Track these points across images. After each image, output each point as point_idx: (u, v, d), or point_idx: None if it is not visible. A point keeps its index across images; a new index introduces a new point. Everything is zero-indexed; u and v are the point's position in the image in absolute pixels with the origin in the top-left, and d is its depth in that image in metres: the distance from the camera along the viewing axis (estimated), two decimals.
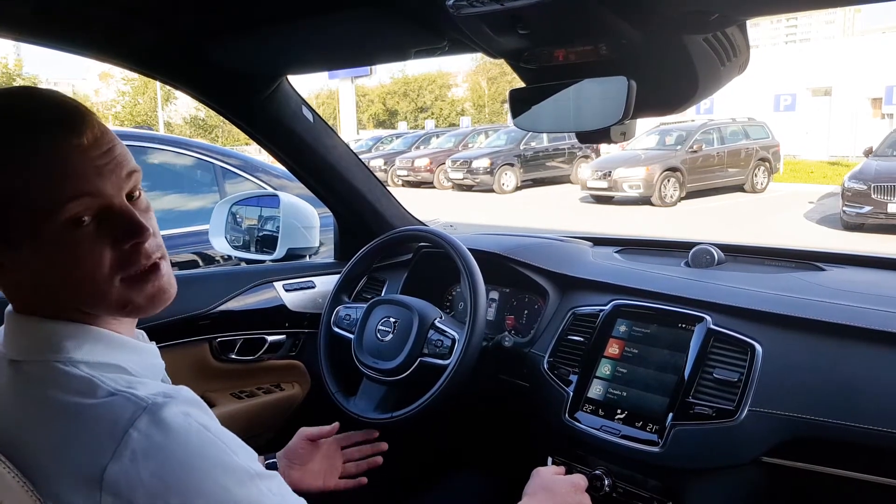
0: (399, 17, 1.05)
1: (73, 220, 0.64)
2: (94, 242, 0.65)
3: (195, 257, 3.23)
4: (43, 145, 0.63)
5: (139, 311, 0.71)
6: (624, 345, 1.31)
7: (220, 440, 0.64)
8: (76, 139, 0.65)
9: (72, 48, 1.24)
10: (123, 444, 0.59)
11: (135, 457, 0.59)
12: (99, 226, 0.66)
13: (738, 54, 0.95)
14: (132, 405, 0.61)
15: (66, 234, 0.64)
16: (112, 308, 0.69)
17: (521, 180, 15.68)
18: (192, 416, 0.63)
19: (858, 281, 1.37)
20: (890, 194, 8.69)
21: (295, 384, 1.79)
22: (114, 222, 0.66)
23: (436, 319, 1.39)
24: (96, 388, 0.63)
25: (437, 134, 21.48)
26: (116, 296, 0.68)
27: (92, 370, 0.66)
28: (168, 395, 0.64)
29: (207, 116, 35.42)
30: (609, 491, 1.24)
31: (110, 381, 0.64)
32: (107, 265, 0.66)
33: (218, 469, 0.62)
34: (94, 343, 0.68)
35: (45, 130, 0.64)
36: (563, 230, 2.02)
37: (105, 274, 0.66)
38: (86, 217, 0.65)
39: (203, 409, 0.67)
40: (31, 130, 0.64)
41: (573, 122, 1.02)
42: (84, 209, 0.64)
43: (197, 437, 0.62)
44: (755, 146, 13.48)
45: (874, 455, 1.01)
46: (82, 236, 0.65)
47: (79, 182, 0.64)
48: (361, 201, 1.80)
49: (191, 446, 0.61)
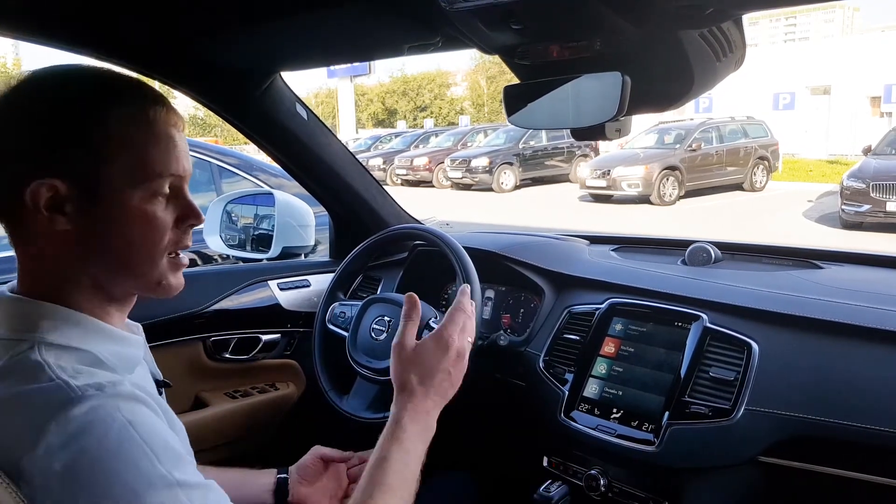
0: (391, 13, 1.04)
1: (156, 192, 0.71)
2: (166, 214, 0.72)
3: (192, 256, 3.23)
4: (159, 119, 0.71)
5: (165, 291, 0.75)
6: (620, 343, 1.30)
7: (143, 441, 0.61)
8: (175, 119, 0.73)
9: (64, 45, 1.23)
10: (41, 435, 0.58)
11: (50, 449, 0.58)
12: (168, 202, 0.73)
13: (733, 50, 0.94)
14: (62, 395, 0.61)
15: (147, 202, 0.70)
16: (149, 282, 0.74)
17: (520, 179, 15.67)
18: (122, 411, 0.61)
19: (856, 279, 1.37)
20: (888, 193, 8.69)
21: (290, 384, 1.78)
22: (181, 202, 0.74)
23: (431, 319, 1.37)
24: (41, 373, 0.63)
25: (436, 133, 21.48)
26: (160, 270, 0.73)
27: (54, 357, 0.65)
28: (101, 387, 0.63)
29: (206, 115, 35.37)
30: (605, 491, 1.23)
31: (60, 370, 0.64)
32: (167, 237, 0.73)
33: (131, 471, 0.59)
34: (72, 327, 0.69)
35: (157, 103, 0.72)
36: (562, 229, 2.01)
37: (164, 246, 0.73)
38: (166, 190, 0.72)
39: (140, 405, 0.65)
40: (147, 101, 0.71)
41: (568, 118, 1.01)
42: (167, 184, 0.72)
43: (116, 435, 0.60)
44: (754, 145, 13.49)
45: (871, 454, 1.01)
46: (158, 207, 0.71)
47: (171, 161, 0.72)
48: (357, 199, 1.79)
49: (106, 444, 0.59)
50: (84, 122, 0.67)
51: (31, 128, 0.67)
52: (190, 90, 1.45)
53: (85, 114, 0.68)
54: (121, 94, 0.71)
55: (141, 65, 1.35)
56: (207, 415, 1.58)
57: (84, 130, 0.67)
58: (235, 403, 1.65)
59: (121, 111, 0.69)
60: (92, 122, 0.68)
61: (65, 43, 1.23)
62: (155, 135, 0.71)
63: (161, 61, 1.35)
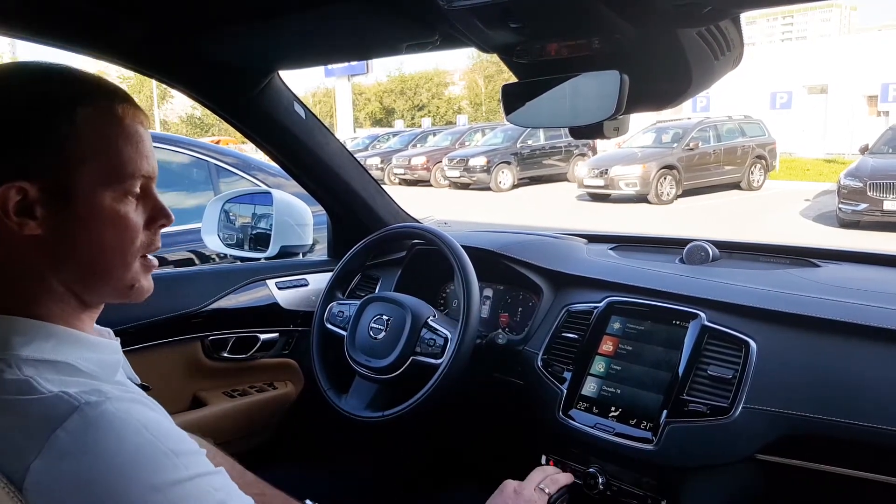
0: (389, 11, 1.04)
1: (127, 192, 0.69)
2: (137, 215, 0.70)
3: (190, 255, 3.22)
4: (127, 115, 0.69)
5: (138, 294, 0.74)
6: (618, 342, 1.30)
7: (158, 440, 0.61)
8: (143, 118, 0.72)
9: (60, 44, 1.23)
10: (49, 444, 0.57)
11: (61, 455, 0.57)
12: (138, 203, 0.71)
13: (731, 48, 0.94)
14: (64, 404, 0.59)
15: (119, 202, 0.68)
16: (122, 286, 0.72)
17: (517, 178, 15.67)
18: (132, 413, 0.61)
19: (854, 277, 1.37)
20: (886, 192, 8.71)
21: (288, 383, 1.78)
22: (151, 202, 0.73)
23: (429, 318, 1.38)
24: (31, 388, 0.61)
25: (434, 132, 21.44)
26: (132, 272, 0.71)
27: (34, 371, 0.63)
28: (103, 393, 0.62)
29: (204, 115, 35.37)
30: (603, 489, 1.23)
31: (47, 382, 0.62)
32: (139, 239, 0.71)
33: (151, 470, 0.59)
34: (44, 340, 0.66)
35: (123, 101, 0.70)
36: (560, 228, 2.01)
37: (136, 247, 0.71)
38: (137, 190, 0.70)
39: (143, 405, 0.64)
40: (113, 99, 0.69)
41: (566, 117, 1.01)
42: (138, 184, 0.70)
43: (133, 438, 0.59)
44: (751, 144, 13.50)
45: (869, 452, 1.01)
46: (130, 208, 0.70)
47: (142, 161, 0.70)
48: (355, 198, 1.78)
49: (123, 446, 0.59)
50: (51, 121, 0.65)
51: (4, 125, 0.64)
52: (187, 89, 1.45)
53: (52, 113, 0.65)
54: (87, 91, 0.68)
55: (139, 63, 1.35)
56: (205, 414, 1.58)
57: (52, 130, 0.65)
58: (233, 403, 1.65)
59: (88, 109, 0.67)
60: (59, 121, 0.65)
61: (62, 42, 1.22)
62: (125, 132, 0.69)
63: (159, 60, 1.35)
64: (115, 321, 0.84)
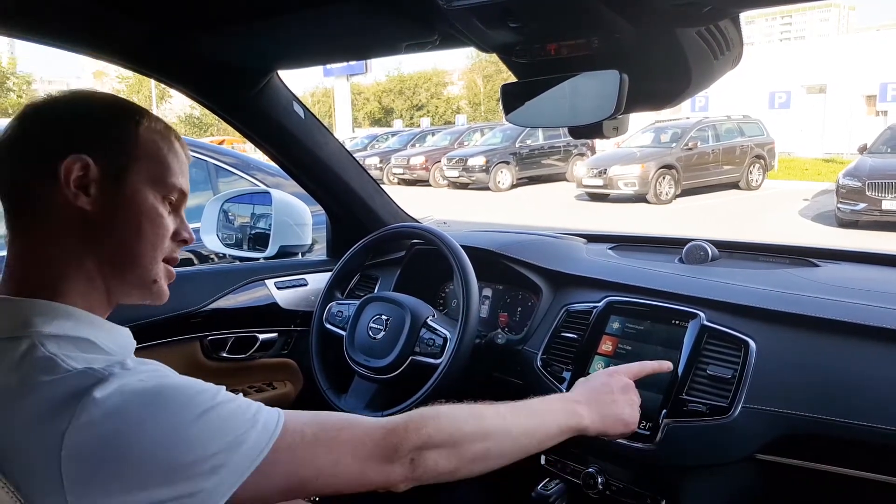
0: (389, 11, 1.04)
1: (166, 197, 0.80)
2: (169, 220, 0.80)
3: (189, 255, 3.22)
4: (176, 140, 0.82)
5: (157, 294, 0.81)
6: (617, 342, 1.30)
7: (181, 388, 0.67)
8: (186, 147, 0.84)
9: (59, 43, 1.23)
10: (79, 412, 0.61)
11: (91, 422, 0.61)
12: (171, 212, 0.81)
13: (731, 48, 0.94)
14: (89, 377, 0.64)
15: (158, 203, 0.79)
16: (146, 279, 0.79)
17: (516, 178, 15.67)
18: (152, 377, 0.67)
19: (853, 277, 1.37)
20: (884, 191, 8.72)
21: (287, 383, 1.78)
22: (179, 218, 0.83)
23: (428, 318, 1.38)
24: (57, 366, 0.65)
25: (433, 132, 21.43)
26: (157, 268, 0.80)
27: (58, 348, 0.67)
28: (125, 365, 0.67)
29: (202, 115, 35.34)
30: (602, 489, 1.23)
31: (71, 359, 0.66)
32: (167, 241, 0.81)
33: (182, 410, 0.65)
34: (64, 319, 0.71)
35: (173, 130, 0.83)
36: (559, 228, 2.01)
37: (164, 247, 0.80)
38: (173, 199, 0.81)
39: (163, 370, 0.70)
40: (169, 126, 0.83)
41: (566, 116, 1.01)
42: (175, 195, 0.81)
43: (155, 393, 0.65)
44: (750, 143, 13.51)
45: (868, 451, 1.01)
46: (165, 211, 0.80)
47: (181, 177, 0.82)
48: (354, 198, 1.78)
49: (151, 405, 0.64)
50: (122, 124, 0.77)
51: (84, 116, 0.77)
52: (186, 88, 1.45)
53: (123, 119, 0.78)
54: (149, 115, 0.81)
55: (138, 63, 1.34)
56: None
57: (121, 130, 0.77)
58: None
59: (150, 124, 0.79)
60: (128, 124, 0.78)
61: (61, 41, 1.22)
62: (174, 150, 0.81)
63: (158, 59, 1.34)
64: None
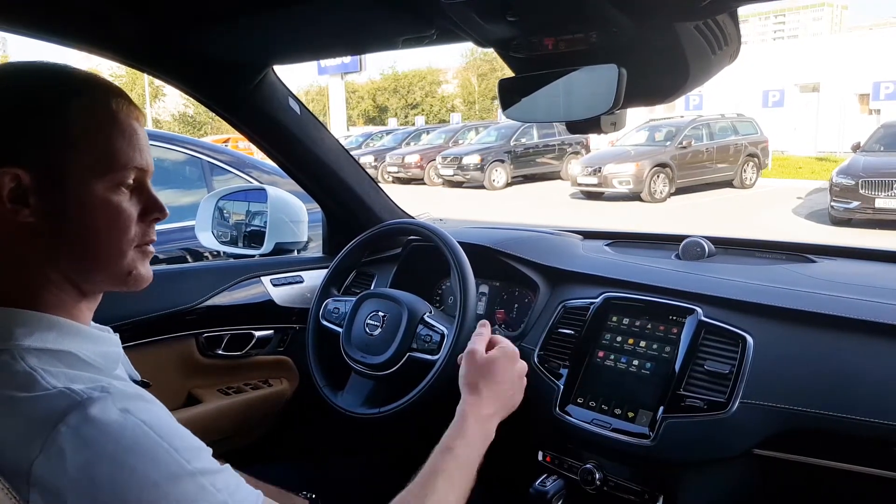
0: (386, 5, 1.03)
1: (120, 183, 0.70)
2: (130, 206, 0.72)
3: (183, 253, 3.20)
4: (121, 110, 0.71)
5: (136, 282, 0.75)
6: (614, 338, 1.30)
7: (159, 436, 0.62)
8: (138, 114, 0.74)
9: (54, 38, 1.22)
10: (52, 440, 0.58)
11: (62, 452, 0.57)
12: (132, 195, 0.72)
13: (728, 43, 0.94)
14: (66, 400, 0.60)
15: (111, 192, 0.70)
16: (119, 273, 0.73)
17: (511, 176, 15.68)
18: (131, 411, 0.62)
19: (849, 272, 1.37)
20: (877, 189, 8.76)
21: (283, 380, 1.77)
22: (145, 195, 0.74)
23: (425, 314, 1.38)
24: (35, 382, 0.62)
25: (428, 130, 21.43)
26: (128, 260, 0.73)
27: (38, 362, 0.64)
28: (106, 389, 0.62)
29: (196, 113, 35.22)
30: (600, 485, 1.23)
31: (51, 376, 0.63)
32: (133, 230, 0.72)
33: (152, 467, 0.59)
34: (46, 331, 0.67)
35: (118, 96, 0.72)
36: (554, 226, 2.00)
37: (130, 237, 0.72)
38: (130, 181, 0.71)
39: (146, 402, 0.65)
40: (110, 94, 0.71)
41: (563, 111, 1.01)
42: (131, 176, 0.72)
43: (131, 433, 0.60)
44: (744, 142, 13.56)
45: (865, 446, 1.01)
46: (123, 198, 0.71)
47: (134, 153, 0.71)
48: (350, 194, 1.78)
49: (122, 442, 0.59)
50: (46, 113, 0.67)
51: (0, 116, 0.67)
52: (181, 84, 1.44)
53: (47, 106, 0.68)
54: (81, 86, 0.71)
55: (132, 58, 1.33)
56: (200, 411, 1.57)
57: (46, 122, 0.67)
58: (229, 400, 1.64)
59: (82, 102, 0.69)
60: (54, 113, 0.68)
61: (55, 37, 1.21)
62: (118, 125, 0.71)
63: (152, 55, 1.33)
64: (109, 318, 0.83)
